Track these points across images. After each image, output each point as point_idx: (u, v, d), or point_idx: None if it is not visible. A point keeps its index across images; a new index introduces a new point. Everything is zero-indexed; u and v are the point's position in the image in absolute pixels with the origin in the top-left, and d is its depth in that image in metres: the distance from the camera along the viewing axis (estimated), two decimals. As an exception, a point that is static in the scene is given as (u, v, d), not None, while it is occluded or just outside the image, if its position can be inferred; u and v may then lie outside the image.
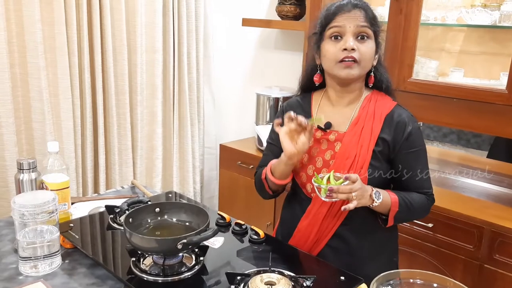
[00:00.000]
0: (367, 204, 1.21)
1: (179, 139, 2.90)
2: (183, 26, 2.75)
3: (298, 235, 1.35)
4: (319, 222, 1.31)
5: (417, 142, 1.28)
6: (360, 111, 1.31)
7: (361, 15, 1.23)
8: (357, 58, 1.23)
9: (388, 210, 1.26)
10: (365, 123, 1.28)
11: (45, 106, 2.23)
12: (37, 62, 2.18)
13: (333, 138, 1.31)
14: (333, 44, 1.25)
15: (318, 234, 1.32)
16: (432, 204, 1.35)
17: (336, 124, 1.32)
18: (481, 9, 1.90)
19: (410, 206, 1.27)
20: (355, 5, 1.24)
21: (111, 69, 2.46)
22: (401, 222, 1.40)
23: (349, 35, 1.23)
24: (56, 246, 1.22)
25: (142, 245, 1.09)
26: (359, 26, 1.22)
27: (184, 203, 1.31)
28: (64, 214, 1.44)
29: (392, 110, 1.29)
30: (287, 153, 1.24)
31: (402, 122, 1.27)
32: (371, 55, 1.26)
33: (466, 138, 2.51)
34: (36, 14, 2.13)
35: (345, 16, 1.23)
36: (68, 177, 1.43)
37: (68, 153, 2.35)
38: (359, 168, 1.25)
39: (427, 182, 1.32)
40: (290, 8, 2.56)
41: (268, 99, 2.69)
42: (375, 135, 1.27)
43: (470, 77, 2.09)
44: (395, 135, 1.27)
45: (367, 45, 1.24)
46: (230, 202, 2.77)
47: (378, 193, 1.22)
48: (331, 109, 1.35)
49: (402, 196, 1.27)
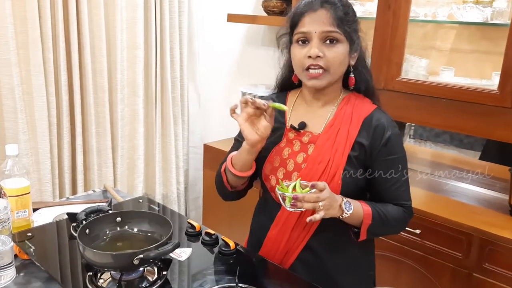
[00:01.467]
0: (336, 215, 1.12)
1: (162, 138, 2.80)
2: (166, 21, 2.65)
3: (268, 244, 1.26)
4: (289, 231, 1.22)
5: (396, 149, 1.19)
6: (337, 113, 1.22)
7: (328, 15, 1.13)
8: (324, 65, 1.14)
9: (360, 222, 1.17)
10: (342, 126, 1.20)
11: (18, 105, 2.14)
12: (8, 58, 2.09)
13: (307, 140, 1.22)
14: (299, 49, 1.17)
15: (288, 245, 1.23)
16: (409, 218, 1.26)
17: (311, 125, 1.23)
18: (473, 5, 1.81)
19: (384, 219, 1.18)
20: (323, 1, 1.14)
21: (89, 66, 2.36)
22: (375, 236, 1.30)
23: (315, 40, 1.14)
24: (7, 258, 1.13)
25: (96, 260, 1.00)
26: (325, 31, 1.13)
27: (147, 212, 1.22)
28: (24, 221, 1.34)
29: (371, 114, 1.20)
30: (249, 141, 1.14)
31: (381, 126, 1.18)
32: (341, 59, 1.17)
33: (459, 138, 2.43)
34: (7, 8, 2.03)
35: (311, 17, 1.14)
36: (28, 182, 1.34)
37: (43, 154, 2.26)
38: (333, 173, 1.16)
39: (405, 193, 1.23)
40: (277, 4, 2.47)
41: (254, 97, 2.59)
42: (351, 139, 1.18)
43: (461, 77, 2.01)
44: (373, 140, 1.18)
45: (335, 49, 1.15)
46: (215, 203, 2.69)
47: (348, 204, 1.13)
48: (306, 109, 1.26)
49: (376, 208, 1.18)
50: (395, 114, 1.97)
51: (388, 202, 1.21)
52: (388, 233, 1.33)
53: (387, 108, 1.28)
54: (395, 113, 1.97)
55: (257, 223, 1.36)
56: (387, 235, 1.37)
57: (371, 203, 1.20)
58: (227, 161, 1.26)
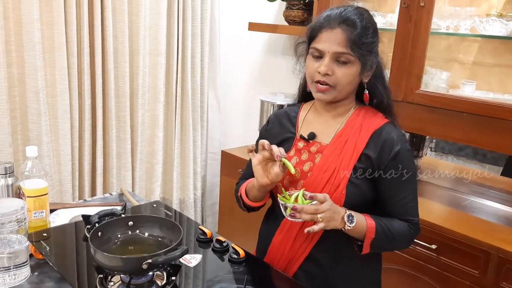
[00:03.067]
0: (338, 227, 1.12)
1: (181, 144, 2.84)
2: (188, 29, 2.68)
3: (273, 251, 1.28)
4: (292, 239, 1.23)
5: (405, 164, 1.18)
6: (347, 124, 1.23)
7: (344, 36, 1.14)
8: (331, 83, 1.16)
9: (364, 235, 1.16)
10: (350, 137, 1.20)
11: (42, 107, 2.20)
12: (34, 62, 2.15)
13: (315, 150, 1.23)
14: (312, 62, 1.19)
15: (292, 253, 1.24)
16: (415, 235, 1.24)
17: (320, 136, 1.25)
18: (496, 18, 1.78)
19: (388, 234, 1.17)
20: (342, 20, 1.15)
21: (111, 71, 2.41)
22: (379, 251, 1.29)
23: (327, 58, 1.16)
24: (23, 257, 1.16)
25: (106, 263, 1.02)
26: (337, 52, 1.14)
27: (158, 217, 1.23)
28: (42, 222, 1.38)
29: (381, 127, 1.20)
30: (259, 183, 1.19)
31: (390, 140, 1.17)
32: (350, 80, 1.18)
33: (482, 153, 2.38)
34: (35, 13, 2.10)
35: (327, 35, 1.15)
36: (46, 183, 1.37)
37: (65, 155, 2.31)
38: (337, 183, 1.16)
39: (412, 209, 1.21)
40: (298, 13, 2.48)
41: (273, 106, 2.60)
42: (359, 150, 1.18)
43: (483, 90, 1.97)
44: (381, 154, 1.17)
45: (345, 70, 1.16)
46: (231, 210, 2.70)
47: (351, 216, 1.13)
48: (317, 120, 1.28)
49: (380, 222, 1.17)
50: (414, 127, 1.98)
51: (395, 217, 1.20)
52: (393, 248, 1.31)
53: (406, 120, 1.28)
54: (414, 126, 1.97)
55: (264, 230, 1.38)
56: (392, 250, 1.35)
57: (376, 217, 1.19)
58: (242, 188, 1.31)
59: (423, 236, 1.80)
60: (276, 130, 1.33)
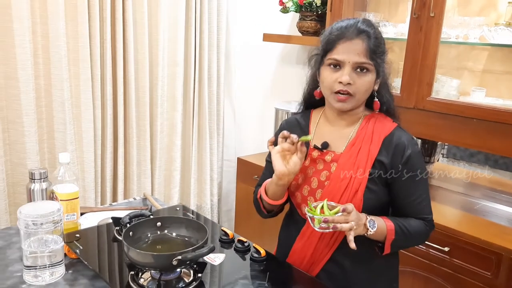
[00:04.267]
0: (361, 233, 1.18)
1: (198, 151, 2.93)
2: (205, 40, 2.79)
3: (294, 256, 1.33)
4: (314, 245, 1.28)
5: (417, 166, 1.24)
6: (358, 132, 1.28)
7: (363, 47, 1.19)
8: (352, 92, 1.21)
9: (384, 237, 1.22)
10: (363, 145, 1.26)
11: (67, 117, 2.30)
12: (60, 74, 2.26)
13: (329, 159, 1.29)
14: (330, 72, 1.23)
15: (314, 257, 1.29)
16: (431, 230, 1.30)
17: (333, 144, 1.30)
18: (504, 27, 1.84)
19: (407, 233, 1.23)
20: (358, 31, 1.20)
21: (132, 82, 2.52)
22: (399, 249, 1.36)
23: (347, 68, 1.20)
24: (59, 256, 1.24)
25: (138, 260, 1.10)
26: (358, 62, 1.20)
27: (185, 218, 1.31)
28: (73, 224, 1.46)
29: (392, 132, 1.26)
30: (277, 172, 1.23)
31: (401, 145, 1.24)
32: (368, 88, 1.24)
33: (494, 159, 2.42)
34: (61, 27, 2.21)
35: (346, 46, 1.20)
36: (78, 188, 1.46)
37: (88, 163, 2.41)
38: (355, 190, 1.22)
39: (426, 208, 1.27)
40: (311, 24, 2.56)
41: (287, 113, 2.68)
42: (372, 157, 1.24)
43: (493, 97, 2.02)
44: (393, 158, 1.24)
45: (365, 78, 1.21)
46: (247, 216, 2.76)
47: (372, 222, 1.19)
48: (330, 129, 1.33)
49: (398, 222, 1.24)
50: (426, 133, 2.03)
51: (411, 216, 1.27)
52: (411, 245, 1.38)
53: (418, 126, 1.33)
54: (426, 132, 2.03)
55: (283, 236, 1.43)
56: (410, 247, 1.43)
57: (394, 218, 1.25)
58: (261, 188, 1.35)
59: (436, 239, 1.85)
60: None
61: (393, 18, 2.34)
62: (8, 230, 1.51)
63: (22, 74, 2.14)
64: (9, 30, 2.08)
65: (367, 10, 2.40)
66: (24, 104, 2.17)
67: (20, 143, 2.21)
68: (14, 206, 2.28)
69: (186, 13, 2.68)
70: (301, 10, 2.55)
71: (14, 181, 2.26)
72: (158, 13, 2.54)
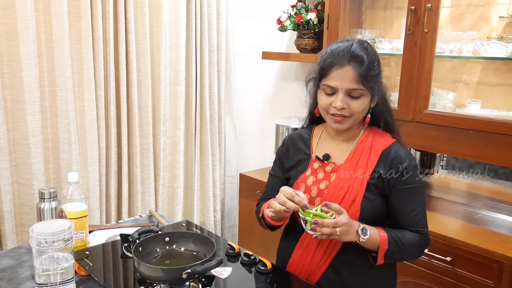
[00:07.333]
0: (353, 240, 1.22)
1: (200, 168, 2.96)
2: (205, 59, 2.85)
3: (293, 265, 1.37)
4: (312, 253, 1.32)
5: (413, 179, 1.29)
6: (358, 146, 1.34)
7: (354, 73, 1.23)
8: (348, 114, 1.27)
9: (377, 247, 1.26)
10: (361, 156, 1.31)
11: (72, 137, 2.35)
12: (65, 96, 2.31)
13: (330, 169, 1.34)
14: (325, 96, 1.29)
15: (312, 265, 1.33)
16: (426, 245, 1.33)
17: (334, 156, 1.36)
18: (496, 41, 1.90)
19: (400, 245, 1.27)
20: (351, 57, 1.24)
21: (135, 102, 2.57)
22: (393, 261, 1.38)
23: (340, 94, 1.26)
24: (71, 274, 1.27)
25: (149, 274, 1.13)
26: (350, 89, 1.25)
27: (192, 233, 1.35)
28: (82, 242, 1.50)
29: (390, 146, 1.31)
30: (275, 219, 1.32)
31: (398, 158, 1.29)
32: (364, 108, 1.29)
33: (493, 169, 2.45)
34: (66, 50, 2.27)
35: (338, 73, 1.24)
36: (86, 206, 1.50)
37: (93, 182, 2.45)
38: (352, 199, 1.27)
39: (421, 221, 1.31)
40: (309, 42, 2.62)
41: (287, 129, 2.73)
42: (370, 168, 1.29)
43: (488, 109, 2.08)
44: (390, 170, 1.28)
45: (359, 101, 1.27)
46: (250, 231, 2.79)
47: (365, 229, 1.23)
48: (331, 143, 1.39)
49: (392, 234, 1.27)
50: (424, 145, 2.08)
51: (406, 228, 1.30)
52: (406, 258, 1.40)
53: (415, 139, 1.37)
54: (424, 144, 2.07)
55: (283, 245, 1.47)
56: (404, 260, 1.46)
57: (388, 229, 1.29)
58: (264, 206, 1.40)
59: (437, 249, 1.88)
60: (291, 152, 1.45)
61: (388, 34, 2.41)
62: (18, 250, 1.54)
63: (28, 97, 2.19)
64: (16, 54, 2.14)
65: (363, 27, 2.47)
66: (30, 126, 2.22)
67: (27, 164, 2.25)
68: (21, 227, 2.31)
69: (187, 34, 2.75)
70: (299, 28, 2.62)
71: (21, 202, 2.30)
72: (160, 33, 2.61)
